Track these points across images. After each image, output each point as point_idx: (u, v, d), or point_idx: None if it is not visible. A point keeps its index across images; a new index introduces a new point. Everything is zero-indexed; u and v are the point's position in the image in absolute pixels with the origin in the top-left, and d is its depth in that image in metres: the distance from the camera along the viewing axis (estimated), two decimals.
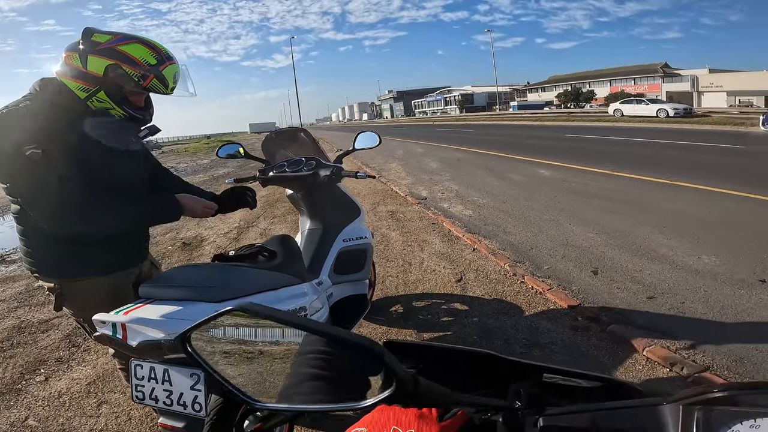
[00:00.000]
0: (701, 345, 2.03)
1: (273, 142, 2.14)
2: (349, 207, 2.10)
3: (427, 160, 9.56)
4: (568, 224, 4.09)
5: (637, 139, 11.36)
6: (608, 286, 2.76)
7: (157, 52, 1.21)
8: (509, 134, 17.13)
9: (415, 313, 2.62)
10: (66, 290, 1.24)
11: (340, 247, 1.96)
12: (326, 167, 1.84)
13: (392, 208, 5.24)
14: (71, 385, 2.15)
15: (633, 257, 3.17)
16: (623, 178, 6.04)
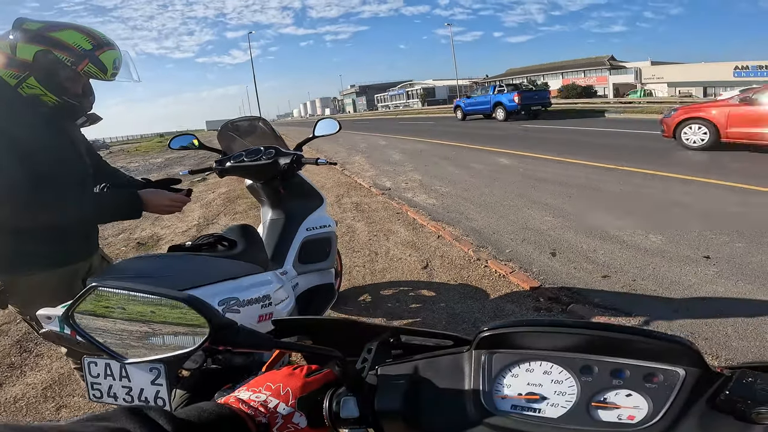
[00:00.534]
0: (654, 321, 2.18)
1: (229, 132, 2.07)
2: (312, 195, 2.08)
3: (390, 152, 9.59)
4: (526, 209, 4.27)
5: (591, 129, 11.95)
6: (566, 266, 2.91)
7: (93, 38, 1.19)
8: (469, 126, 17.49)
9: (383, 301, 2.64)
10: (11, 286, 1.20)
11: (304, 236, 1.93)
12: (286, 155, 1.81)
13: (357, 199, 5.23)
14: (27, 390, 2.08)
15: (587, 238, 3.36)
16: (575, 164, 6.37)
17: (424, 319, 2.37)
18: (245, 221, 4.79)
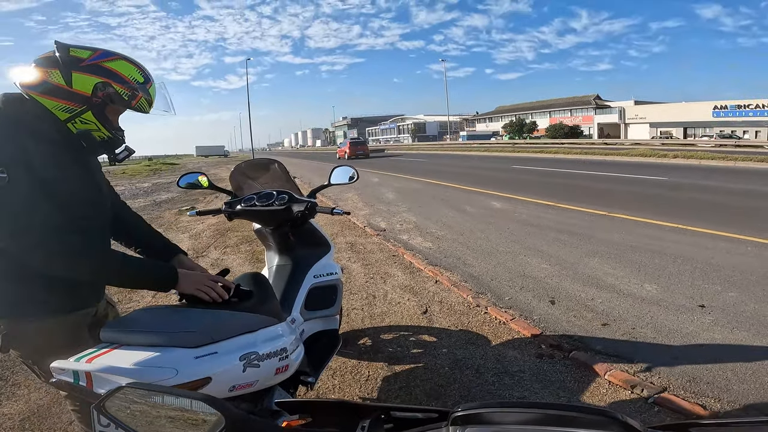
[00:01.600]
0: (656, 367, 2.31)
1: (242, 172, 2.11)
2: (320, 242, 2.09)
3: (384, 190, 9.85)
4: (522, 256, 4.45)
5: (576, 171, 12.55)
6: (566, 314, 3.06)
7: (142, 70, 1.18)
8: (461, 165, 18.14)
9: (384, 345, 2.71)
10: (14, 331, 1.14)
11: (311, 283, 1.93)
12: (300, 202, 1.82)
13: (351, 239, 5.35)
14: (2, 420, 2.05)
15: (584, 287, 3.53)
16: (569, 210, 6.70)
17: (427, 364, 2.44)
18: (236, 256, 4.87)
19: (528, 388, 2.18)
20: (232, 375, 1.13)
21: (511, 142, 37.39)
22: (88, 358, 1.01)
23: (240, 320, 1.26)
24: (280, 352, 1.29)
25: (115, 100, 1.13)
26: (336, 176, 2.03)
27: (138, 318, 1.20)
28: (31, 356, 1.19)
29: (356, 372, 2.39)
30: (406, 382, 2.27)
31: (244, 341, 1.21)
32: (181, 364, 1.03)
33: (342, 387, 2.25)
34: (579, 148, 24.06)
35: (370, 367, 2.43)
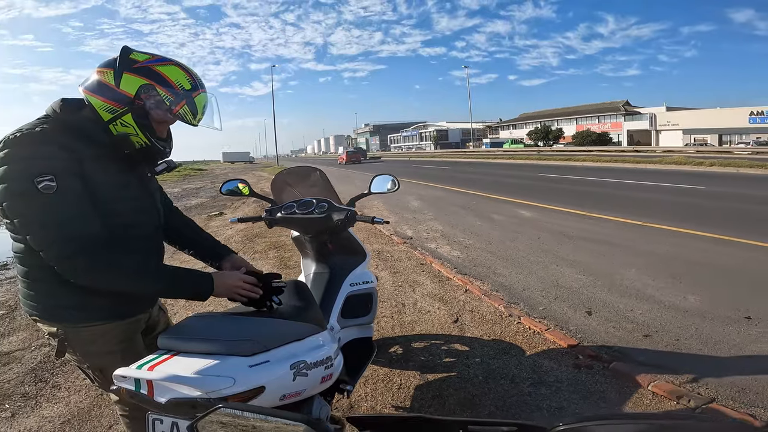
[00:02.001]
0: (703, 378, 2.26)
1: (283, 180, 2.15)
2: (357, 251, 2.11)
3: (408, 198, 9.87)
4: (555, 265, 4.38)
5: (608, 180, 12.27)
6: (604, 325, 3.00)
7: (192, 78, 1.17)
8: (485, 172, 18.01)
9: (415, 354, 2.71)
10: (71, 336, 1.17)
11: (348, 291, 1.95)
12: (339, 211, 1.83)
13: (378, 247, 5.39)
14: (42, 423, 2.09)
15: (623, 298, 3.45)
16: (600, 219, 6.56)
17: (460, 373, 2.43)
18: (264, 261, 4.97)
19: (566, 399, 2.15)
20: (283, 384, 1.14)
21: (536, 150, 36.79)
22: (150, 365, 1.03)
23: (288, 328, 1.27)
24: (325, 361, 1.30)
25: (158, 105, 1.12)
26: (376, 185, 2.03)
27: (193, 325, 1.21)
28: (87, 360, 1.23)
29: (388, 380, 2.40)
30: (439, 392, 2.27)
31: (293, 350, 1.22)
32: (238, 372, 1.04)
33: (374, 395, 2.26)
34: (608, 156, 23.55)
35: (401, 376, 2.44)
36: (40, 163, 0.99)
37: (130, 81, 1.09)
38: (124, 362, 1.14)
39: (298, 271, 4.29)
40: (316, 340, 1.35)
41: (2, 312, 3.62)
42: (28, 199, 0.99)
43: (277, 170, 22.05)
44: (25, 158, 0.99)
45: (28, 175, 0.98)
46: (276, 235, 5.47)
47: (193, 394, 0.97)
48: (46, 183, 0.98)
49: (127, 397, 1.01)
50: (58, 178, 1.00)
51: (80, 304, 1.15)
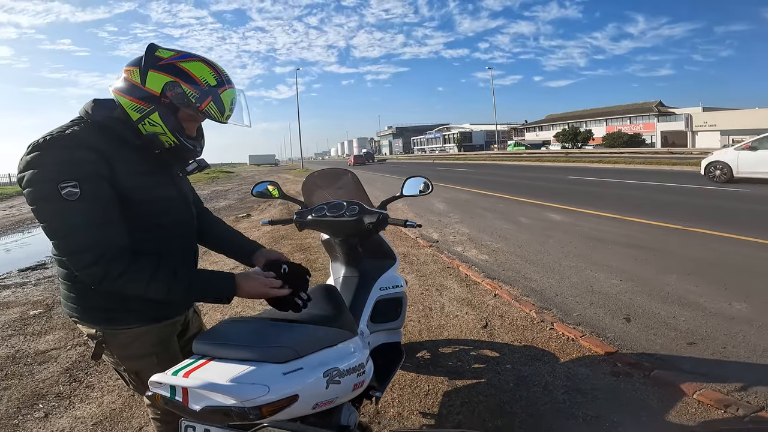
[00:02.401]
0: (752, 387, 2.16)
1: (313, 181, 2.15)
2: (386, 254, 2.09)
3: (433, 201, 9.80)
4: (588, 270, 4.25)
5: (640, 182, 11.85)
6: (644, 332, 2.89)
7: (217, 73, 1.13)
8: (511, 175, 17.72)
9: (443, 359, 2.67)
10: (108, 339, 1.19)
11: (377, 295, 1.93)
12: (371, 214, 1.80)
13: (404, 250, 5.36)
14: (75, 423, 2.12)
15: (663, 304, 3.32)
16: (635, 223, 6.33)
17: (490, 380, 2.38)
18: None
19: (604, 407, 2.07)
20: (316, 392, 1.12)
21: (564, 152, 35.96)
22: (185, 372, 1.02)
23: (321, 334, 1.25)
24: (358, 368, 1.28)
25: (183, 102, 1.09)
26: (408, 187, 1.98)
27: (227, 330, 1.20)
28: (123, 363, 1.24)
29: (415, 386, 2.37)
30: (468, 398, 2.22)
31: (326, 356, 1.20)
32: (272, 380, 1.02)
33: (401, 401, 2.23)
34: (641, 158, 22.74)
35: (429, 381, 2.40)
36: (65, 168, 0.98)
37: (155, 79, 1.08)
38: (159, 365, 1.16)
39: (323, 273, 4.33)
40: (349, 346, 1.33)
41: (39, 311, 3.76)
42: (52, 204, 0.98)
43: (302, 173, 22.31)
44: (51, 163, 0.98)
45: (53, 181, 0.97)
46: (302, 237, 5.53)
47: (228, 403, 0.96)
48: (70, 189, 0.97)
49: (162, 403, 1.01)
50: (82, 183, 0.98)
51: (117, 307, 1.16)
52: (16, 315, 3.65)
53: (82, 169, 1.00)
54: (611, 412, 2.02)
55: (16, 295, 4.31)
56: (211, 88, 1.11)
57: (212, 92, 1.11)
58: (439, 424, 2.04)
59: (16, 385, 2.48)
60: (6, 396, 2.38)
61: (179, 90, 1.08)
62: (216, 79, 1.12)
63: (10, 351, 2.94)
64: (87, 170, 1.00)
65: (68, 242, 1.01)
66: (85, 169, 1.00)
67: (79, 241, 1.00)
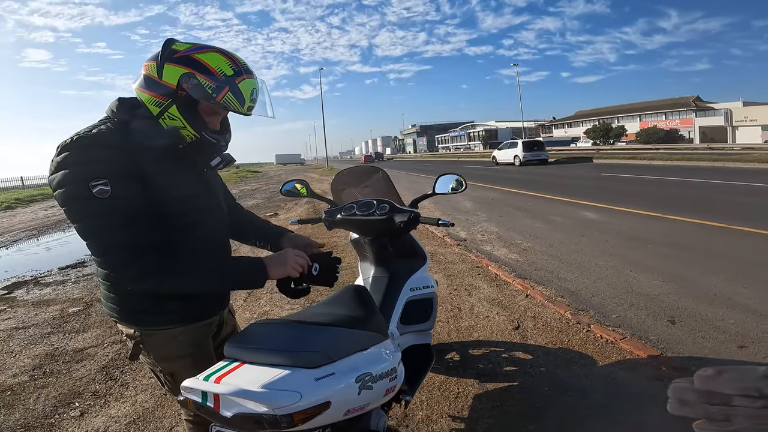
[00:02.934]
0: None
1: (343, 179, 2.13)
2: (417, 254, 2.05)
3: (459, 199, 9.67)
4: (628, 271, 4.08)
5: (680, 179, 11.33)
6: (691, 335, 2.75)
7: (234, 63, 1.09)
8: (540, 172, 17.31)
9: (473, 361, 2.61)
10: (146, 339, 1.20)
11: (408, 296, 1.89)
12: (402, 212, 1.77)
13: (430, 249, 5.30)
14: (109, 423, 2.15)
15: (710, 306, 3.16)
16: (676, 221, 6.04)
17: (523, 383, 2.31)
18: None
19: (647, 412, 1.97)
20: (348, 398, 1.09)
21: (594, 148, 34.91)
22: (217, 377, 1.01)
23: (352, 338, 1.23)
24: (390, 372, 1.24)
25: (200, 93, 1.06)
26: (440, 185, 1.94)
27: (257, 333, 1.19)
28: (159, 364, 1.25)
29: (444, 388, 2.32)
30: (500, 401, 2.16)
31: (358, 361, 1.18)
32: (304, 386, 1.00)
33: (430, 404, 2.19)
34: (679, 154, 21.74)
35: (459, 384, 2.35)
36: (94, 167, 0.98)
37: (171, 71, 1.06)
38: (194, 367, 1.16)
39: (350, 273, 4.33)
40: (381, 349, 1.30)
41: (78, 308, 3.92)
42: (83, 204, 0.98)
43: (327, 171, 22.50)
44: (80, 162, 0.98)
45: (84, 180, 0.97)
46: (327, 237, 5.55)
47: (259, 410, 0.95)
48: (101, 187, 0.97)
49: (194, 408, 1.01)
50: (112, 181, 0.99)
51: (153, 308, 1.17)
52: (55, 312, 3.82)
53: (111, 167, 1.00)
54: (656, 417, 1.91)
55: (56, 292, 4.51)
56: (228, 78, 1.07)
57: (229, 82, 1.07)
58: (470, 428, 1.99)
59: (53, 384, 2.56)
60: (44, 394, 2.45)
61: (194, 81, 1.05)
62: (233, 69, 1.08)
63: (49, 348, 3.05)
64: (116, 168, 1.00)
65: (100, 241, 1.01)
66: (114, 168, 1.00)
67: (111, 240, 1.01)
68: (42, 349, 3.04)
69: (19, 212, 14.66)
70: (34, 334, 3.32)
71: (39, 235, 9.21)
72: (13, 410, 2.31)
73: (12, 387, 2.55)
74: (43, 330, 3.40)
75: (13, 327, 3.49)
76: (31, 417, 2.22)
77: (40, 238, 8.84)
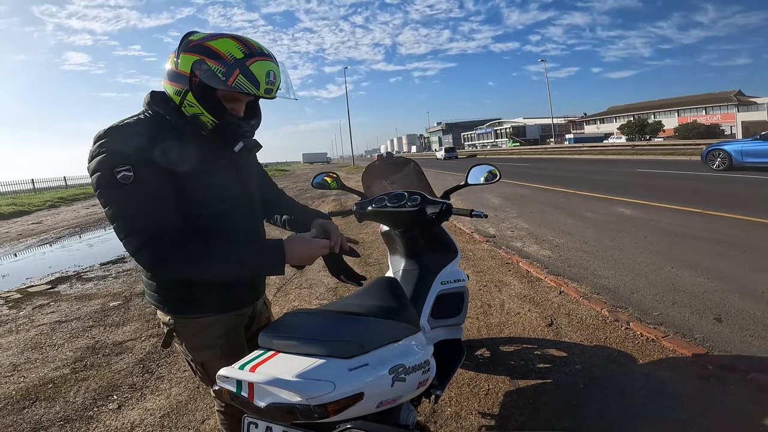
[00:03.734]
0: None
1: (374, 171, 2.12)
2: (448, 247, 2.02)
3: (487, 195, 9.53)
4: (669, 268, 3.91)
5: (723, 175, 10.74)
6: (739, 334, 2.61)
7: (246, 46, 1.08)
8: (571, 169, 16.85)
9: (503, 357, 2.56)
10: (179, 327, 1.23)
11: (439, 290, 1.87)
12: (434, 204, 1.76)
13: (459, 245, 5.22)
14: (144, 416, 2.21)
15: (759, 304, 2.99)
16: (720, 217, 5.73)
17: (556, 381, 2.25)
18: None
19: (691, 411, 1.89)
20: (381, 390, 1.08)
21: (629, 144, 33.65)
22: (252, 366, 1.01)
23: (385, 329, 1.22)
24: (423, 365, 1.23)
25: (211, 79, 1.06)
26: (473, 176, 1.89)
27: (291, 323, 1.19)
28: (190, 353, 1.26)
29: (474, 384, 2.29)
30: (533, 398, 2.11)
31: (392, 352, 1.17)
32: (338, 377, 0.99)
33: (459, 400, 2.16)
34: None
35: (489, 380, 2.31)
36: (120, 154, 1.02)
37: (185, 60, 1.08)
38: (223, 358, 1.18)
39: (377, 268, 4.34)
40: (413, 341, 1.29)
41: (118, 302, 4.08)
42: (109, 189, 1.02)
43: (353, 170, 22.56)
44: (109, 150, 1.02)
45: (110, 167, 1.01)
46: (355, 232, 5.58)
47: (293, 400, 0.94)
48: (124, 173, 1.00)
49: (228, 398, 1.01)
50: (135, 168, 1.01)
51: (187, 296, 1.18)
52: (97, 306, 3.98)
53: (136, 154, 1.03)
54: (701, 417, 1.84)
55: (98, 287, 4.70)
56: (238, 60, 1.06)
57: (239, 65, 1.06)
58: (500, 425, 1.95)
59: (93, 376, 2.65)
60: (84, 387, 2.51)
61: (205, 67, 1.06)
62: (243, 52, 1.07)
63: (90, 342, 3.17)
64: (141, 155, 1.03)
65: (122, 225, 1.03)
66: (139, 155, 1.03)
67: (131, 224, 1.03)
68: (83, 342, 3.15)
69: (62, 210, 15.39)
70: (77, 327, 3.47)
71: (81, 232, 9.64)
72: (54, 403, 2.37)
73: (53, 380, 2.64)
74: (85, 323, 3.54)
75: (56, 320, 3.66)
76: (70, 410, 2.29)
77: (82, 234, 9.24)
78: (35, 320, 3.71)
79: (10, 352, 3.08)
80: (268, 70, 1.09)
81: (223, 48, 1.06)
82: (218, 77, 1.05)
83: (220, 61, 1.05)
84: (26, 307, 4.11)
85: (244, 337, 1.33)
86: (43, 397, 2.44)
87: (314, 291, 3.93)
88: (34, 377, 2.67)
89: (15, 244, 8.43)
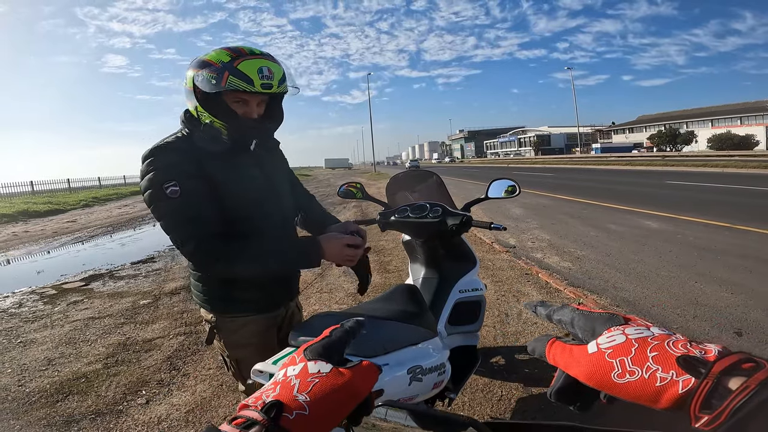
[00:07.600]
0: None
1: (397, 183, 2.20)
2: (467, 257, 2.09)
3: (509, 206, 9.50)
4: (693, 282, 3.88)
5: (756, 188, 10.41)
6: (758, 348, 2.61)
7: (234, 51, 1.17)
8: (597, 179, 16.58)
9: (519, 366, 2.60)
10: (220, 325, 1.34)
11: (456, 298, 1.94)
12: (454, 216, 1.82)
13: (478, 255, 5.25)
14: (170, 411, 2.29)
15: None
16: (751, 232, 5.63)
17: None
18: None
19: None
20: (399, 388, 1.16)
21: (659, 155, 32.81)
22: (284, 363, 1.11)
23: (405, 332, 1.30)
24: (439, 367, 1.32)
25: (207, 86, 1.15)
26: (494, 190, 1.94)
27: (320, 323, 1.23)
28: (227, 349, 1.37)
29: (488, 390, 2.34)
30: (545, 404, 2.15)
31: (410, 354, 1.25)
32: None
33: (472, 404, 2.22)
34: (756, 161, 20.01)
35: (503, 387, 2.36)
36: (166, 172, 1.14)
37: (188, 77, 1.20)
38: (257, 355, 1.26)
39: (397, 275, 4.43)
40: (430, 345, 1.37)
41: (148, 301, 4.25)
42: (161, 203, 1.14)
43: (374, 176, 22.61)
44: (156, 167, 1.15)
45: (159, 183, 1.13)
46: (375, 240, 5.68)
47: None
48: (172, 188, 1.13)
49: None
50: (181, 183, 1.13)
51: (227, 296, 1.30)
52: (128, 304, 4.16)
53: (179, 170, 1.15)
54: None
55: (129, 285, 4.91)
56: (225, 64, 1.14)
57: (227, 67, 1.13)
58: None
59: (124, 372, 2.76)
60: (115, 382, 2.62)
61: (200, 77, 1.15)
62: (230, 56, 1.15)
63: (122, 338, 3.30)
64: (183, 171, 1.15)
65: (176, 235, 1.16)
66: (182, 171, 1.15)
67: (183, 232, 1.16)
68: (115, 339, 3.28)
69: (96, 210, 15.96)
70: (109, 324, 3.62)
71: (113, 231, 9.99)
72: (86, 397, 2.47)
73: (86, 374, 2.74)
74: (117, 320, 3.69)
75: (90, 317, 3.83)
76: (102, 404, 2.39)
77: (114, 234, 9.57)
78: (69, 316, 3.88)
79: (45, 347, 3.20)
80: (260, 66, 1.15)
81: (215, 57, 1.16)
82: (212, 83, 1.14)
83: (211, 68, 1.14)
84: (61, 303, 4.30)
85: (276, 337, 1.43)
86: (77, 391, 2.55)
87: (334, 295, 4.05)
88: (67, 371, 2.79)
89: (50, 242, 8.81)
